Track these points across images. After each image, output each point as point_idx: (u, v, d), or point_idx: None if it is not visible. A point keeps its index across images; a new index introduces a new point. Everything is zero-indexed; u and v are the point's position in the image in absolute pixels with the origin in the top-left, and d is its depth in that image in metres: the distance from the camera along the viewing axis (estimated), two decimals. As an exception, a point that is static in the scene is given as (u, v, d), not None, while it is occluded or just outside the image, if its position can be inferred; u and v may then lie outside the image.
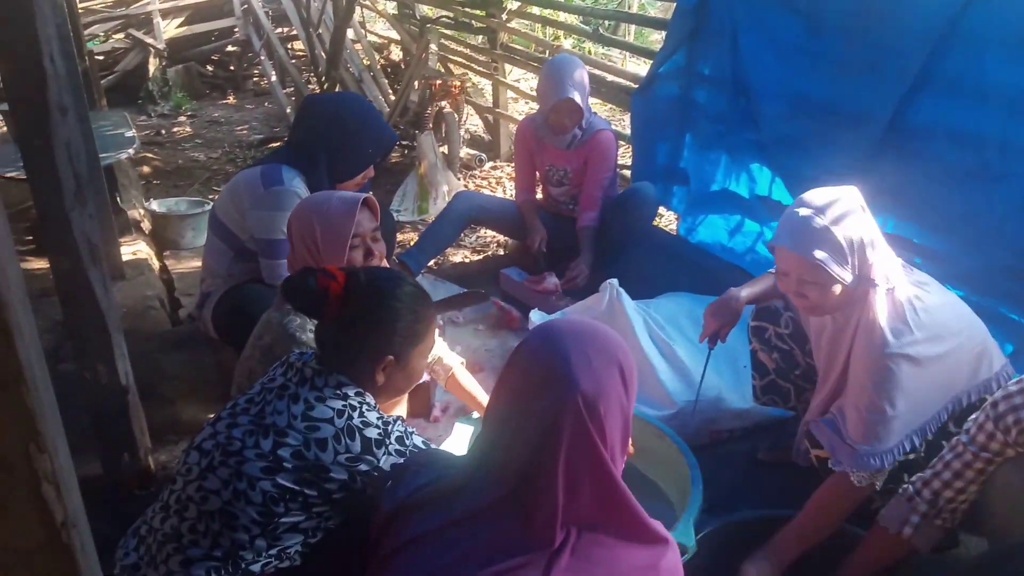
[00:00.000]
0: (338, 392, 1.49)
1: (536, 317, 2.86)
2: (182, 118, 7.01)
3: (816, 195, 1.88)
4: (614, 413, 1.16)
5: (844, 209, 1.83)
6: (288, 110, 6.26)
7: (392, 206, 5.08)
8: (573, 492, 1.14)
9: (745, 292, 2.24)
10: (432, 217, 3.90)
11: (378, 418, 1.51)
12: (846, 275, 1.81)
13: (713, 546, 1.85)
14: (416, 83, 5.40)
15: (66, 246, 2.02)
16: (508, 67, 5.75)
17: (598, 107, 5.86)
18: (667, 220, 4.48)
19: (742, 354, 2.50)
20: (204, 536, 1.42)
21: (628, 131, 4.30)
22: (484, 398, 2.27)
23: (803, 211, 1.84)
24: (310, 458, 1.42)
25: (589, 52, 7.49)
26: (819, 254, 1.79)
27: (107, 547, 1.38)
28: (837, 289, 1.83)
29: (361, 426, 1.47)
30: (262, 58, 7.22)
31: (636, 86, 4.11)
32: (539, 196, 3.69)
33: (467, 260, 4.16)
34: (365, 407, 1.50)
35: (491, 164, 5.66)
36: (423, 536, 1.20)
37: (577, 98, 3.22)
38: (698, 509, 1.87)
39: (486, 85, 6.17)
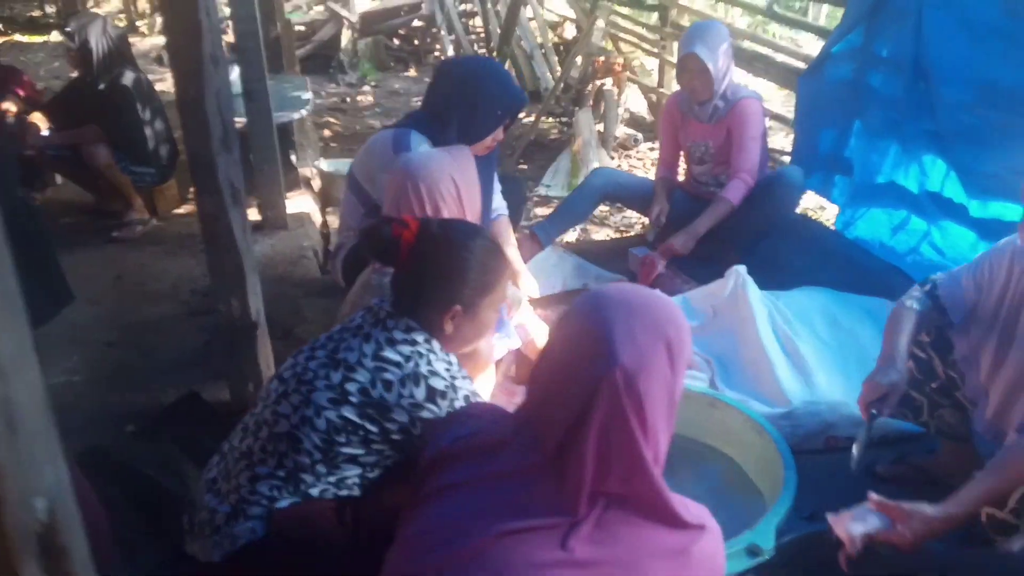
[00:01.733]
0: (408, 336, 1.53)
1: None
2: (366, 88, 7.41)
3: None
4: (656, 391, 1.11)
5: None
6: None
7: (543, 180, 5.12)
8: (604, 466, 1.11)
9: (901, 361, 1.89)
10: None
11: (446, 369, 1.54)
12: None
13: (796, 552, 1.73)
14: (579, 59, 5.37)
15: (211, 188, 2.21)
16: (676, 45, 5.58)
17: (772, 91, 5.56)
18: (830, 212, 4.18)
19: (876, 356, 2.29)
20: (271, 456, 1.52)
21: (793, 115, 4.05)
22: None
23: None
24: (375, 396, 1.48)
25: (773, 35, 7.11)
26: None
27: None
28: None
29: (427, 374, 1.50)
30: (442, 33, 7.46)
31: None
32: (682, 178, 3.56)
33: (608, 239, 4.12)
34: (432, 356, 1.53)
35: (648, 145, 5.54)
36: (455, 485, 1.21)
37: (704, 57, 3.04)
38: (785, 512, 1.75)
39: (654, 65, 6.03)
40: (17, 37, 8.63)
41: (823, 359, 2.43)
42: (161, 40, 7.50)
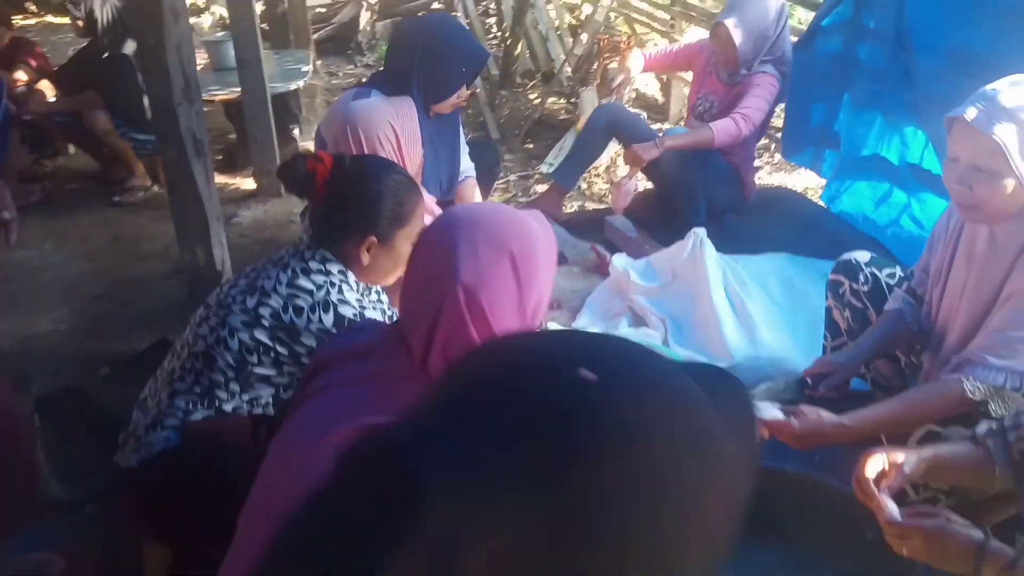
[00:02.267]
0: (323, 268, 1.60)
1: (618, 262, 2.81)
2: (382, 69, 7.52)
3: (1011, 79, 1.65)
4: (500, 303, 1.15)
5: None
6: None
7: (547, 159, 5.15)
8: None
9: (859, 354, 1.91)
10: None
11: (357, 299, 1.60)
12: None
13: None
14: (584, 37, 5.39)
15: (173, 137, 2.31)
16: (686, 25, 5.56)
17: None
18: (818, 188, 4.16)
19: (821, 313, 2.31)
20: (189, 373, 1.60)
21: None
22: None
23: (995, 86, 1.62)
24: (285, 320, 1.55)
25: (800, 22, 7.02)
26: (1003, 133, 1.55)
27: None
28: (1009, 186, 1.58)
29: (337, 302, 1.57)
30: (457, 14, 7.52)
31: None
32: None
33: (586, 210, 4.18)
34: (345, 285, 1.60)
35: (657, 126, 5.54)
36: (327, 387, 1.27)
37: (733, 29, 3.07)
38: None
39: (665, 45, 6.02)
40: (49, 18, 8.92)
41: (771, 317, 2.44)
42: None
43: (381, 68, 2.85)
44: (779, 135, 4.34)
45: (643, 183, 3.50)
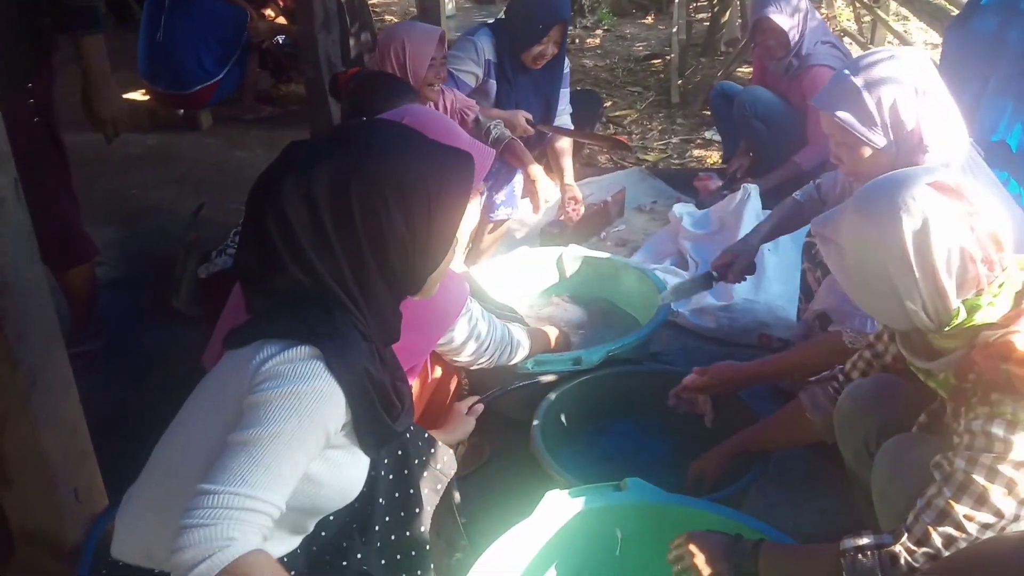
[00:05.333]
0: None
1: (678, 209, 3.05)
2: (599, 31, 7.89)
3: (868, 55, 1.86)
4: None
5: (887, 71, 1.76)
6: (674, 30, 6.67)
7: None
8: None
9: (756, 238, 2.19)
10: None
11: None
12: (876, 137, 1.76)
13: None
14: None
15: (312, 60, 2.95)
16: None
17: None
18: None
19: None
20: None
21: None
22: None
23: (845, 71, 1.83)
24: None
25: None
26: (842, 114, 1.77)
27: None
28: (866, 152, 1.79)
29: None
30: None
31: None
32: None
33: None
34: None
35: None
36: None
37: (778, 18, 3.14)
38: (620, 347, 2.09)
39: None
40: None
41: (784, 272, 2.58)
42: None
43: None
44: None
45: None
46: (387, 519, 1.39)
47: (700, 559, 1.38)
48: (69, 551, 1.68)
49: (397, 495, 1.39)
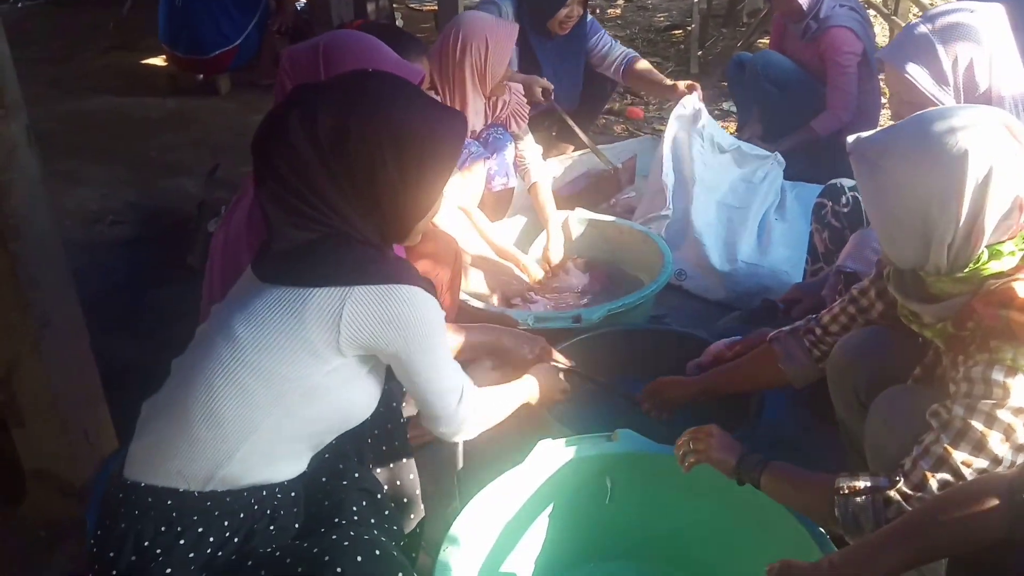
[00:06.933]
0: None
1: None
2: (620, 1, 7.81)
3: (945, 8, 1.74)
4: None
5: (963, 22, 1.65)
6: (696, 0, 6.59)
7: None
8: None
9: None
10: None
11: None
12: (945, 98, 1.65)
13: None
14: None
15: (324, 20, 2.97)
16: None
17: None
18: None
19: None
20: None
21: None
22: (551, 214, 2.62)
23: (919, 23, 1.71)
24: None
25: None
26: (913, 68, 1.66)
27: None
28: None
29: None
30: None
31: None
32: None
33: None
34: None
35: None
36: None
37: None
38: (620, 305, 2.11)
39: None
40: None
41: (791, 238, 2.58)
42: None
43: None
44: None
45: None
46: (376, 432, 1.48)
47: (713, 443, 1.42)
48: (79, 489, 1.75)
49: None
